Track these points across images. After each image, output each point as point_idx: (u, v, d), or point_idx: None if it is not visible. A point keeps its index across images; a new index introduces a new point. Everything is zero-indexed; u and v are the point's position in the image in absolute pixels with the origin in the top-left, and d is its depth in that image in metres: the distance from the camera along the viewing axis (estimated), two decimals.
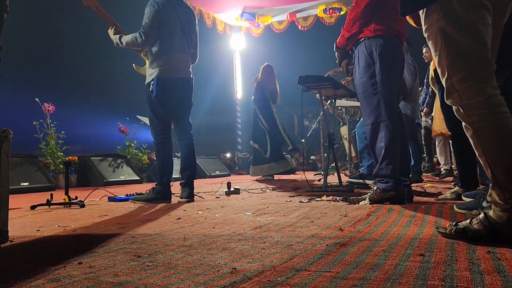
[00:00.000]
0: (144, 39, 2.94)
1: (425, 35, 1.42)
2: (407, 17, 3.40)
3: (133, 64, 3.25)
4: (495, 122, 1.27)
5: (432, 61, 2.95)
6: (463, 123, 1.35)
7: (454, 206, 2.07)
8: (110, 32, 3.14)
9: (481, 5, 1.32)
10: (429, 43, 1.41)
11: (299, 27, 8.23)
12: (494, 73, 1.32)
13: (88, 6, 3.05)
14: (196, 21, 3.29)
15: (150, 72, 3.05)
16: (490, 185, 1.32)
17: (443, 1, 1.34)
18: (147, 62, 3.13)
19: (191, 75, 3.20)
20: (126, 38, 3.01)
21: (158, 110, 3.06)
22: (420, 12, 1.43)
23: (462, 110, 1.33)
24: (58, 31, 7.28)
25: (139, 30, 2.95)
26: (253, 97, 6.18)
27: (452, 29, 1.33)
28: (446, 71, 1.35)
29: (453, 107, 1.36)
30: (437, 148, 5.34)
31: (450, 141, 3.17)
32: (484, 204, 1.78)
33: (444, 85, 1.37)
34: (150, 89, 3.01)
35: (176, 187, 3.33)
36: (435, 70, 2.88)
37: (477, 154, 1.33)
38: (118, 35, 3.06)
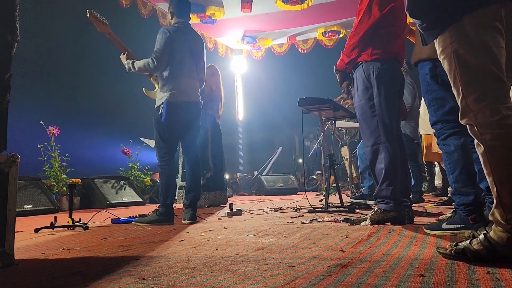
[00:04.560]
0: (156, 64, 3.05)
1: (440, 58, 1.46)
2: (410, 38, 3.46)
3: (143, 88, 3.36)
4: (507, 143, 1.29)
5: None
6: (475, 141, 1.37)
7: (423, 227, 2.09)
8: (123, 57, 3.26)
9: (493, 27, 1.36)
10: (444, 66, 1.45)
11: (299, 50, 8.37)
12: (508, 94, 1.35)
13: (101, 32, 3.17)
14: (204, 47, 3.42)
15: (160, 96, 3.14)
16: (494, 204, 1.34)
17: (456, 25, 1.38)
18: (157, 86, 3.24)
19: (199, 99, 3.29)
20: (139, 64, 3.12)
21: (165, 132, 3.13)
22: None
23: (476, 128, 1.35)
24: (63, 55, 7.42)
25: (151, 55, 3.07)
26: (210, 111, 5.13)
27: (465, 51, 1.37)
28: (461, 92, 1.39)
29: (467, 125, 1.39)
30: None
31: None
32: (448, 214, 1.78)
33: (459, 106, 1.40)
34: (160, 112, 3.09)
35: (178, 209, 3.34)
36: None
37: (485, 172, 1.35)
38: (131, 61, 3.18)
